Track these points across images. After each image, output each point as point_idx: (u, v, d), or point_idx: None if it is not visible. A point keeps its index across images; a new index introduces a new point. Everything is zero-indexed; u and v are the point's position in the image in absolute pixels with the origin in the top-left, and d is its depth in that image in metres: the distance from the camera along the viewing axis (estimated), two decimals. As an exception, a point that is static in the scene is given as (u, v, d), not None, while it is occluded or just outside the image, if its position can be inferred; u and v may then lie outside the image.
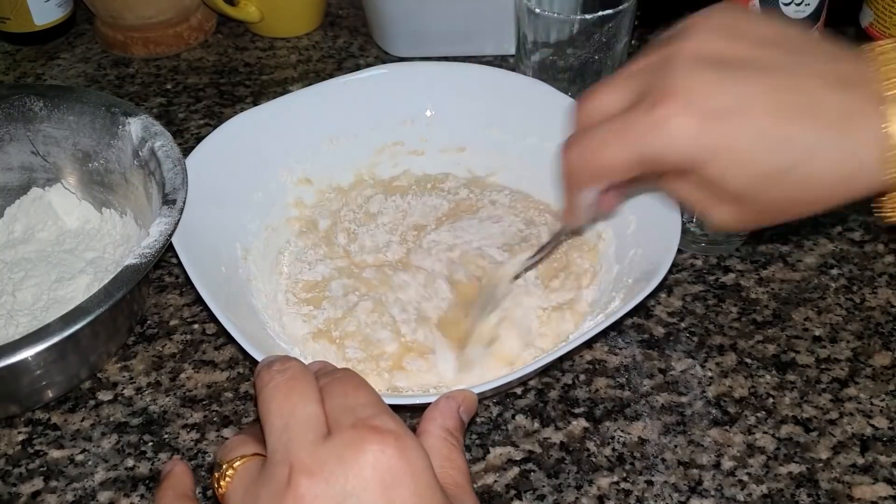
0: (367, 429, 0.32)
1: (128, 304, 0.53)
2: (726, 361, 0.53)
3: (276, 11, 0.80)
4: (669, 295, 0.57)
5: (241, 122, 0.58)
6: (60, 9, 0.81)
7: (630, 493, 0.46)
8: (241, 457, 0.34)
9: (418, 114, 0.62)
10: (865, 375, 0.52)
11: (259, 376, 0.35)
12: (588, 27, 0.59)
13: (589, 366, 0.53)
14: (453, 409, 0.37)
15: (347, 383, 0.35)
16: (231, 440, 0.36)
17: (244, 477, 0.33)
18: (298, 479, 0.31)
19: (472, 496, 0.35)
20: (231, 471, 0.34)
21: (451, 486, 0.34)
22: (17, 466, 0.48)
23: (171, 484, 0.37)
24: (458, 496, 0.34)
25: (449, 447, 0.35)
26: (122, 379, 0.53)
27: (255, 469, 0.33)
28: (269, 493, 0.31)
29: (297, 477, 0.31)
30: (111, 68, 0.80)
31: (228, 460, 0.34)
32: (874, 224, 0.62)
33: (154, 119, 0.57)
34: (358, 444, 0.31)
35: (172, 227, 0.50)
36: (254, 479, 0.33)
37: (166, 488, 0.36)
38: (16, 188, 0.61)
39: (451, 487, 0.34)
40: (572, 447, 0.49)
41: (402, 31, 0.76)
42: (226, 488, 0.34)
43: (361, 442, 0.31)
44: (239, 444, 0.35)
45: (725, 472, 0.47)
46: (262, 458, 0.34)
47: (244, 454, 0.34)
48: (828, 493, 0.46)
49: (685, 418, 0.50)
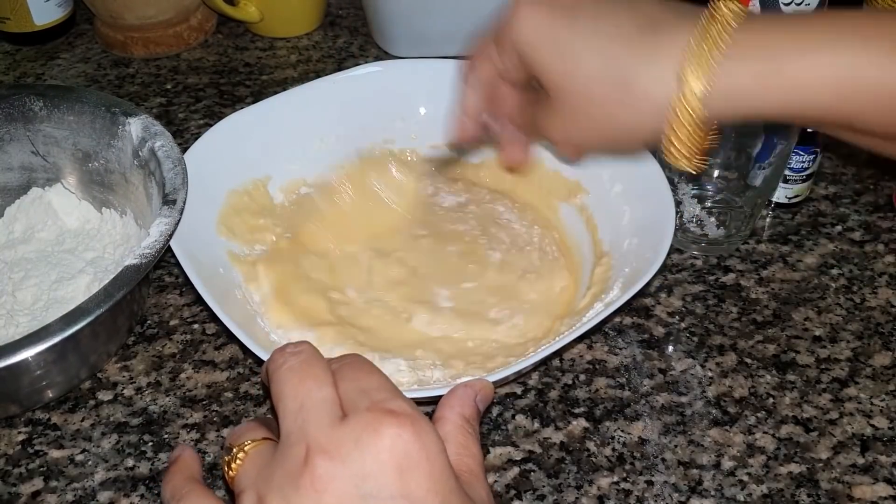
0: (384, 412, 0.32)
1: (128, 304, 0.53)
2: (726, 361, 0.53)
3: (276, 11, 0.80)
4: (669, 295, 0.57)
5: (234, 121, 0.59)
6: (60, 9, 0.81)
7: (630, 493, 0.46)
8: (251, 440, 0.34)
9: (412, 111, 0.63)
10: (865, 375, 0.52)
11: (272, 359, 0.35)
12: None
13: (589, 366, 0.53)
14: (470, 396, 0.37)
15: (360, 368, 0.35)
16: (241, 426, 0.36)
17: (256, 459, 0.33)
18: (315, 460, 0.30)
19: (484, 484, 0.35)
20: (242, 454, 0.34)
21: (465, 472, 0.34)
22: (17, 466, 0.48)
23: (178, 468, 0.36)
24: (471, 483, 0.34)
25: (465, 434, 0.36)
26: (122, 379, 0.53)
27: (268, 452, 0.33)
28: (284, 473, 0.31)
29: (314, 458, 0.31)
30: (111, 68, 0.80)
31: (239, 444, 0.34)
32: (874, 224, 0.62)
33: (154, 119, 0.57)
34: (375, 427, 0.31)
35: (172, 227, 0.50)
36: (267, 461, 0.33)
37: (174, 472, 0.36)
38: (16, 188, 0.61)
39: (465, 475, 0.34)
40: (572, 447, 0.49)
41: (402, 31, 0.76)
42: (236, 471, 0.33)
43: (378, 424, 0.31)
44: (249, 429, 0.35)
45: (725, 472, 0.47)
46: (272, 442, 0.34)
47: (254, 438, 0.34)
48: (828, 493, 0.46)
49: (685, 418, 0.50)
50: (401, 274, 0.56)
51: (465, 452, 0.35)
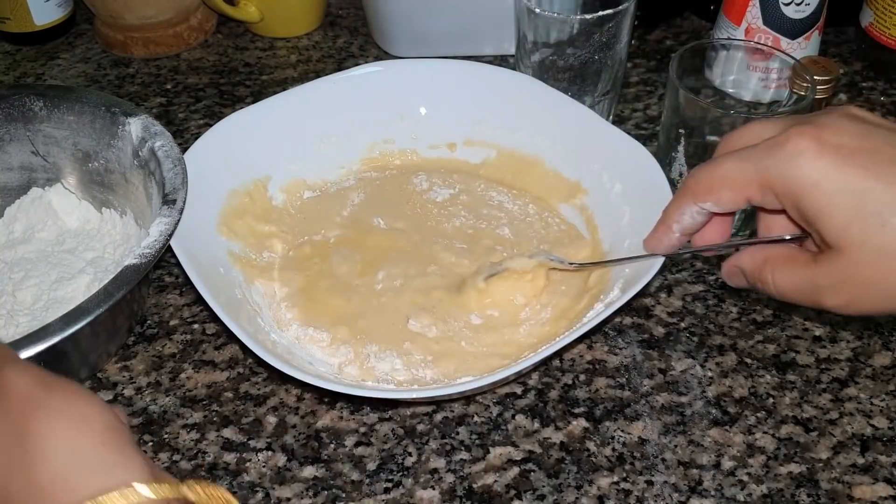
0: None
1: (128, 303, 0.53)
2: (726, 361, 0.53)
3: (276, 11, 0.80)
4: (669, 295, 0.57)
5: (234, 121, 0.59)
6: (60, 9, 0.81)
7: (630, 493, 0.46)
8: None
9: (412, 111, 0.63)
10: (865, 375, 0.52)
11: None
12: (588, 27, 0.59)
13: (589, 366, 0.53)
14: None
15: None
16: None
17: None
18: None
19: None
20: None
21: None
22: (17, 466, 0.48)
23: None
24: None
25: None
26: (122, 379, 0.53)
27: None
28: None
29: None
30: (111, 68, 0.80)
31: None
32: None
33: (154, 119, 0.57)
34: None
35: (172, 227, 0.50)
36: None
37: None
38: (16, 188, 0.61)
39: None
40: (572, 447, 0.49)
41: (402, 31, 0.76)
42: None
43: None
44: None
45: (725, 472, 0.47)
46: None
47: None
48: (828, 493, 0.46)
49: (685, 418, 0.50)
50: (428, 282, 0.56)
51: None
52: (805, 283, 0.39)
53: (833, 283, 0.37)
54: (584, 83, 0.63)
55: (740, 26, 0.66)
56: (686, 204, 0.42)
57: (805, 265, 0.39)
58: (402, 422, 0.50)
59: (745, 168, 0.39)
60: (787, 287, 0.40)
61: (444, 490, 0.47)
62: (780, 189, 0.37)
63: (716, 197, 0.40)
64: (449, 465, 0.48)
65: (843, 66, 0.75)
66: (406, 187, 0.62)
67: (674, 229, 0.44)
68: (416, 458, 0.48)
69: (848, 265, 0.36)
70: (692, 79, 0.58)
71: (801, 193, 0.37)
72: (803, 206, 0.37)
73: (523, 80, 0.61)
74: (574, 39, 0.60)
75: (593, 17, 0.59)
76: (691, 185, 0.41)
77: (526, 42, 0.63)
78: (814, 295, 0.39)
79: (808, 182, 0.36)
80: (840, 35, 0.78)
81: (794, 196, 0.37)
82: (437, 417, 0.50)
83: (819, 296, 0.38)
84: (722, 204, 0.41)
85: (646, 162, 0.54)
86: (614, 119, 0.68)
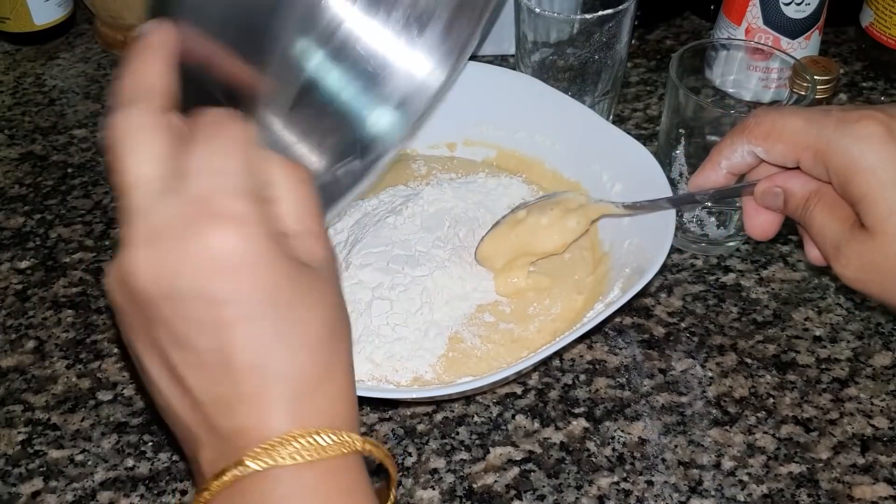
0: (210, 215, 0.29)
1: None
2: (726, 361, 0.53)
3: (276, 11, 0.80)
4: (669, 295, 0.57)
5: None
6: (60, 9, 0.81)
7: (630, 493, 0.46)
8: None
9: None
10: (865, 375, 0.52)
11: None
12: (588, 27, 0.59)
13: (589, 366, 0.53)
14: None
15: (219, 140, 0.31)
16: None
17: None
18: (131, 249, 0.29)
19: (324, 243, 0.33)
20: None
21: (303, 233, 0.32)
22: (17, 466, 0.48)
23: (136, 70, 0.35)
24: (309, 247, 0.32)
25: (304, 188, 0.33)
26: (122, 379, 0.53)
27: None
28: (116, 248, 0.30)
29: (129, 245, 0.29)
30: (111, 68, 0.80)
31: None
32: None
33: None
34: (197, 228, 0.29)
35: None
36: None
37: (132, 74, 0.35)
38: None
39: (304, 235, 0.32)
40: (572, 447, 0.49)
41: (402, 30, 0.75)
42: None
43: (202, 226, 0.29)
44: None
45: (725, 472, 0.47)
46: None
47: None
48: (828, 493, 0.46)
49: (685, 418, 0.50)
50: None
51: (303, 210, 0.32)
52: (834, 236, 0.39)
53: (854, 258, 0.38)
54: (584, 83, 0.63)
55: (740, 26, 0.66)
56: (739, 141, 0.42)
57: (843, 222, 0.39)
58: (402, 422, 0.50)
59: (809, 132, 0.39)
60: (818, 225, 0.40)
61: (444, 490, 0.47)
62: (835, 164, 0.38)
63: (769, 145, 0.40)
64: (449, 466, 0.48)
65: (843, 66, 0.74)
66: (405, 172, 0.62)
67: (722, 165, 0.43)
68: (416, 458, 0.48)
69: (876, 250, 0.37)
70: (692, 79, 0.58)
71: (854, 173, 0.37)
72: (853, 185, 0.37)
73: (523, 80, 0.61)
74: (574, 39, 0.60)
75: (593, 16, 0.59)
76: (750, 125, 0.41)
77: (526, 42, 0.63)
78: (834, 254, 0.39)
79: (865, 165, 0.36)
80: (840, 35, 0.78)
81: (846, 174, 0.37)
82: (437, 417, 0.50)
83: (837, 259, 0.39)
84: (771, 155, 0.41)
85: (646, 162, 0.54)
86: (614, 119, 0.68)
